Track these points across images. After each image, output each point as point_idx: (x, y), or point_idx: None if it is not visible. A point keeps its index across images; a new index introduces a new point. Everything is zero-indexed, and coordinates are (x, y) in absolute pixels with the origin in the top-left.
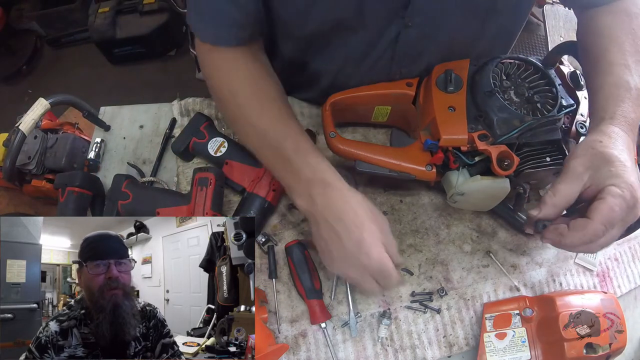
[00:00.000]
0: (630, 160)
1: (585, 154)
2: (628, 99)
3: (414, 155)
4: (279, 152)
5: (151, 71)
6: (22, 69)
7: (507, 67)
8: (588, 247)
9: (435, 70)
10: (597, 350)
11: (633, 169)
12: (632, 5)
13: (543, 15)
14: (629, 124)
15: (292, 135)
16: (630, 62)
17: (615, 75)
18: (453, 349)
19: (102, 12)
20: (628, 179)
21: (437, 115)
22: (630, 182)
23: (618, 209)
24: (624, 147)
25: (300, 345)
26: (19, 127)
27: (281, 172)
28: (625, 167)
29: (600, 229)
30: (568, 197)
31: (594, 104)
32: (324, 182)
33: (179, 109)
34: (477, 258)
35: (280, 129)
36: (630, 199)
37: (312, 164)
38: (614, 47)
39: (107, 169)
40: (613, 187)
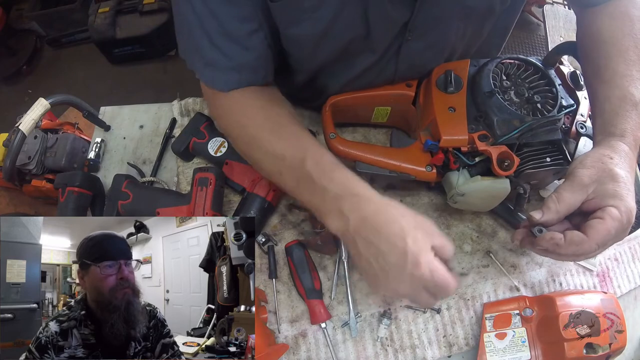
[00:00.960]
0: (631, 182)
1: (594, 166)
2: (635, 114)
3: (414, 156)
4: (300, 173)
5: (151, 71)
6: (22, 69)
7: (507, 68)
8: (576, 258)
9: (436, 71)
10: (597, 350)
11: (633, 192)
12: (632, 7)
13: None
14: (636, 141)
15: (312, 152)
16: (634, 73)
17: (622, 88)
18: (453, 349)
19: (102, 12)
20: (629, 203)
21: (438, 115)
22: (630, 206)
23: (614, 231)
24: (629, 168)
25: (300, 345)
26: (19, 127)
27: (306, 195)
28: (628, 190)
29: (594, 248)
30: (571, 206)
31: (601, 115)
32: (354, 196)
33: (179, 109)
34: (477, 258)
35: (298, 149)
36: (625, 223)
37: (338, 178)
38: (617, 55)
39: (107, 169)
40: (614, 209)
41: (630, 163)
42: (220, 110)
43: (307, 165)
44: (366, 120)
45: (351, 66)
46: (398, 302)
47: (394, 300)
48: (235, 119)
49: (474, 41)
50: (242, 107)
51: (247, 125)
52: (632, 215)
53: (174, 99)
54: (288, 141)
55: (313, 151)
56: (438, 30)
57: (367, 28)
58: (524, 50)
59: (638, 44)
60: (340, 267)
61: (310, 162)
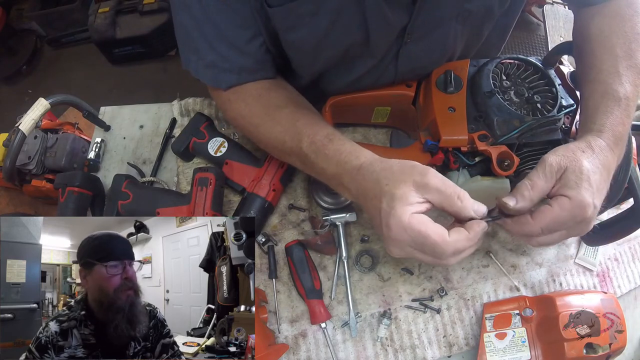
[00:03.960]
0: (601, 181)
1: (565, 154)
2: (617, 109)
3: (414, 156)
4: (301, 154)
5: (151, 71)
6: (22, 69)
7: (507, 68)
8: (527, 240)
9: (435, 71)
10: (597, 350)
11: (597, 190)
12: (625, 7)
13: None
14: (615, 137)
15: (306, 132)
16: (620, 69)
17: (605, 85)
18: (453, 349)
19: (102, 12)
20: (584, 197)
21: (437, 116)
22: (584, 201)
23: (562, 221)
24: (602, 166)
25: (300, 345)
26: (19, 127)
27: (313, 173)
28: (590, 186)
29: (538, 231)
30: (542, 194)
31: (584, 112)
32: (347, 170)
33: (179, 109)
34: (477, 258)
35: (294, 132)
36: (578, 216)
37: (332, 155)
38: (604, 53)
39: (107, 169)
40: (566, 199)
41: (605, 159)
42: (223, 104)
43: (303, 147)
44: (366, 121)
45: (351, 70)
46: (398, 302)
47: (393, 300)
48: (236, 110)
49: (473, 43)
50: (242, 98)
51: (247, 115)
52: (585, 210)
53: (174, 99)
54: (285, 125)
55: (307, 131)
56: (437, 33)
57: (365, 33)
58: (524, 50)
59: (627, 40)
60: (340, 267)
61: (306, 142)
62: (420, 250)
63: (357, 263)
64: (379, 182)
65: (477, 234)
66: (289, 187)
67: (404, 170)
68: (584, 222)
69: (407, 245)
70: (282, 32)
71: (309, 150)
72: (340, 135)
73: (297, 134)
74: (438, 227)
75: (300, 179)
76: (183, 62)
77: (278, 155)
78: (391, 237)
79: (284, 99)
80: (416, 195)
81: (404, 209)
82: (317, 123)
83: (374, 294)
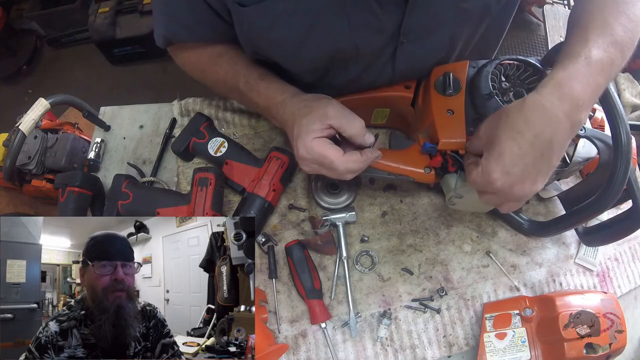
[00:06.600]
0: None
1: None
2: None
3: (412, 157)
4: (239, 92)
5: (151, 71)
6: (22, 69)
7: (506, 69)
8: None
9: (434, 73)
10: (597, 350)
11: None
12: None
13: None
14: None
15: (243, 72)
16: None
17: (567, 47)
18: (453, 348)
19: (102, 12)
20: (490, 170)
21: (436, 118)
22: (492, 177)
23: (480, 183)
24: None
25: (300, 345)
26: (19, 127)
27: (251, 107)
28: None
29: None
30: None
31: None
32: (276, 102)
33: (179, 109)
34: (477, 258)
35: (233, 73)
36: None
37: (263, 91)
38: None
39: (107, 169)
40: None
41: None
42: (179, 60)
43: (240, 85)
44: (365, 122)
45: (346, 69)
46: (398, 302)
47: (393, 300)
48: (187, 61)
49: (470, 40)
50: (188, 50)
51: (195, 62)
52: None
53: (174, 99)
54: (226, 68)
55: (243, 72)
56: (434, 33)
57: (353, 34)
58: (524, 50)
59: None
60: (340, 267)
61: (242, 81)
62: (321, 166)
63: (357, 263)
64: (293, 113)
65: (368, 159)
66: (289, 187)
67: (311, 103)
68: (500, 194)
69: (312, 163)
70: (263, 32)
71: (245, 88)
72: (270, 75)
73: (235, 75)
74: (335, 149)
75: (300, 179)
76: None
77: (222, 92)
78: (299, 157)
79: (225, 48)
80: (319, 123)
81: (308, 135)
82: (252, 65)
83: (373, 294)
